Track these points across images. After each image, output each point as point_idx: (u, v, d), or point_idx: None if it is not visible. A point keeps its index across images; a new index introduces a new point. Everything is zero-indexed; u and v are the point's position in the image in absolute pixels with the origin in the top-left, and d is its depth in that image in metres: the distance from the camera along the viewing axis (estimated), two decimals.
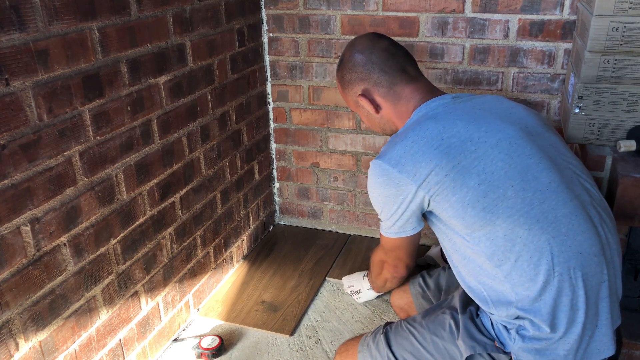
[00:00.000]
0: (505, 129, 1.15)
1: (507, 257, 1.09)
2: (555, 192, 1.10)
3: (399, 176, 1.15)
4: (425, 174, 1.12)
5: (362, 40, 1.33)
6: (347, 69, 1.33)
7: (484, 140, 1.13)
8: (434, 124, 1.17)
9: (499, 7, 1.90)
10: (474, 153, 1.11)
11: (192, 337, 1.85)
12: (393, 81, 1.28)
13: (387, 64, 1.29)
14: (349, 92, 1.35)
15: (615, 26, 1.42)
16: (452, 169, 1.10)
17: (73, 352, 1.37)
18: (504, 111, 1.21)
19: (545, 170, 1.11)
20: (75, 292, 1.36)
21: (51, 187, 1.25)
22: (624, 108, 1.50)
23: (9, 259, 1.16)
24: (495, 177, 1.09)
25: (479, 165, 1.10)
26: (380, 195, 1.21)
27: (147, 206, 1.60)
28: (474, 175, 1.09)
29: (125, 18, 1.42)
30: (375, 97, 1.31)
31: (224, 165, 2.02)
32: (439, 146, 1.12)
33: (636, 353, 1.53)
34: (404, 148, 1.16)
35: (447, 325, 1.25)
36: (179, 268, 1.80)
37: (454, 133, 1.14)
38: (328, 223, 2.51)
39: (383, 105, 1.31)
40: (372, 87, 1.30)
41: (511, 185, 1.09)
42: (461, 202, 1.10)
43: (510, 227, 1.08)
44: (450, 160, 1.11)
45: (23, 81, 1.14)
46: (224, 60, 1.93)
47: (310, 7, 2.12)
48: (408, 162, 1.14)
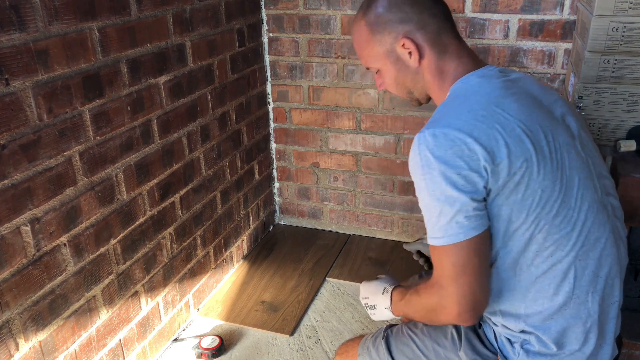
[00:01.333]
0: (562, 134, 1.03)
1: (530, 271, 1.01)
2: (595, 213, 1.02)
3: (473, 147, 0.93)
4: (501, 156, 0.94)
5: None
6: (387, 7, 1.09)
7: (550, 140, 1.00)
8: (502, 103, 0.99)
9: (499, 7, 1.90)
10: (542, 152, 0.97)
11: (192, 337, 1.85)
12: (441, 28, 1.08)
13: (437, 6, 1.10)
14: (381, 38, 1.09)
15: (615, 26, 1.42)
16: (524, 161, 0.95)
17: (73, 352, 1.37)
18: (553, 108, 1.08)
19: (589, 189, 1.03)
20: (75, 292, 1.36)
21: (51, 187, 1.25)
22: (624, 108, 1.50)
23: (9, 259, 1.16)
24: (553, 186, 0.98)
25: (541, 169, 0.97)
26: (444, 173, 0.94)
27: (147, 206, 1.60)
28: (541, 178, 0.97)
29: (125, 18, 1.42)
30: (421, 43, 1.08)
31: (224, 165, 2.02)
32: (513, 131, 0.96)
33: (636, 353, 1.53)
34: (475, 119, 0.96)
35: (449, 334, 1.20)
36: (179, 268, 1.80)
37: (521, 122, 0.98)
38: (328, 223, 2.51)
39: (427, 54, 1.08)
40: (418, 31, 1.07)
41: (563, 200, 0.99)
42: (517, 204, 0.97)
43: (546, 244, 0.99)
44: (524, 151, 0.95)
45: (23, 81, 1.14)
46: (224, 60, 1.93)
47: (310, 7, 2.12)
48: (483, 137, 0.94)
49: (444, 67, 1.09)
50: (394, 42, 1.09)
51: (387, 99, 2.17)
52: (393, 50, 1.10)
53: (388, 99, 2.17)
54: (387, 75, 1.14)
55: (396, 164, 2.27)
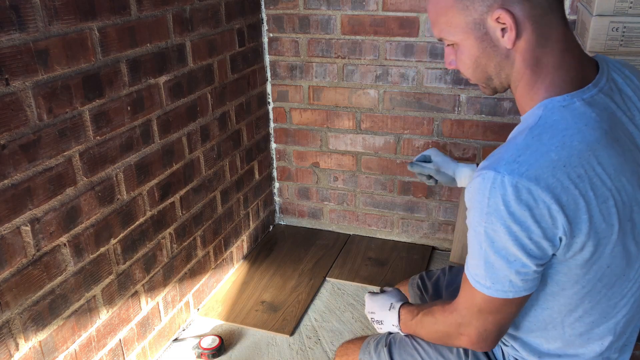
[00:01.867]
0: None
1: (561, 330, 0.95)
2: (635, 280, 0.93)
3: (556, 215, 0.79)
4: (580, 225, 0.80)
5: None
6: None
7: (629, 205, 0.85)
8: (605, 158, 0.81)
9: None
10: (617, 222, 0.83)
11: (192, 337, 1.85)
12: (552, 4, 0.84)
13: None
14: (469, 5, 0.85)
15: (615, 26, 1.42)
16: (597, 235, 0.82)
17: (73, 352, 1.37)
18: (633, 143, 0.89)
19: None
20: (75, 292, 1.36)
21: (51, 187, 1.25)
22: None
23: (9, 259, 1.16)
24: (617, 259, 0.86)
25: (612, 242, 0.84)
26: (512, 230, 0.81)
27: (147, 206, 1.60)
28: (606, 257, 0.84)
29: (125, 18, 1.42)
30: (521, 19, 0.83)
31: (224, 165, 2.02)
32: (600, 195, 0.81)
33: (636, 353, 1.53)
34: (569, 177, 0.79)
35: (454, 348, 1.16)
36: (179, 268, 1.80)
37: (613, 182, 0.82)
38: (328, 223, 2.51)
39: (526, 35, 0.84)
40: (521, 2, 0.83)
41: (623, 274, 0.89)
42: (577, 277, 0.86)
43: (589, 312, 0.91)
44: (601, 222, 0.82)
45: (23, 81, 1.14)
46: (224, 60, 1.93)
47: (310, 7, 2.12)
48: (570, 204, 0.79)
49: (543, 59, 0.85)
50: (487, 12, 0.84)
51: (387, 99, 2.17)
52: (482, 23, 0.85)
53: (388, 99, 2.17)
54: (466, 53, 0.90)
55: (396, 164, 2.27)
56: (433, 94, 2.10)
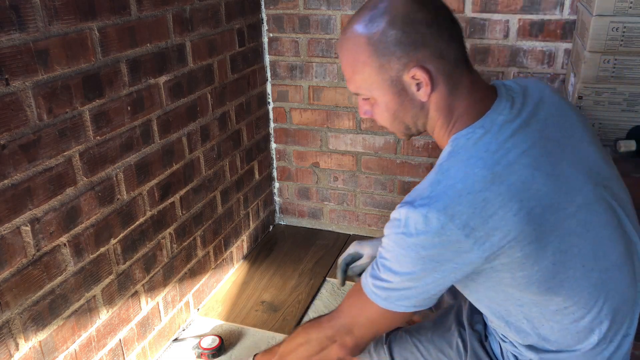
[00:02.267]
0: (583, 189, 0.92)
1: (550, 326, 0.97)
2: (620, 268, 0.96)
3: (465, 242, 0.84)
4: (498, 245, 0.85)
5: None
6: (398, 25, 0.87)
7: (563, 207, 0.89)
8: (509, 175, 0.86)
9: (499, 7, 1.90)
10: (551, 225, 0.87)
11: (192, 337, 1.85)
12: (458, 56, 0.91)
13: (455, 30, 0.91)
14: (385, 64, 0.89)
15: (615, 26, 1.42)
16: (529, 244, 0.86)
17: (73, 352, 1.37)
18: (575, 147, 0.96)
19: (615, 241, 0.96)
20: (75, 292, 1.36)
21: (51, 187, 1.25)
22: (624, 108, 1.50)
23: (9, 259, 1.16)
24: (569, 256, 0.90)
25: (555, 242, 0.88)
26: (425, 257, 0.87)
27: (147, 206, 1.60)
28: (549, 254, 0.88)
29: (125, 18, 1.42)
30: (435, 75, 0.89)
31: (224, 165, 2.02)
32: (519, 211, 0.84)
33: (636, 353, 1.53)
34: (474, 206, 0.83)
35: (454, 345, 1.17)
36: (179, 268, 1.80)
37: (533, 194, 0.86)
38: (328, 223, 2.51)
39: (439, 88, 0.90)
40: (436, 59, 0.88)
41: (582, 265, 0.91)
42: (527, 278, 0.89)
43: (566, 305, 0.93)
44: (528, 234, 0.85)
45: (23, 81, 1.14)
46: (224, 60, 1.93)
47: (310, 7, 2.12)
48: (479, 226, 0.83)
49: (454, 105, 0.92)
50: (403, 70, 0.89)
51: None
52: (398, 80, 0.90)
53: None
54: (383, 107, 0.95)
55: (396, 164, 2.27)
56: None
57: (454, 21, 0.92)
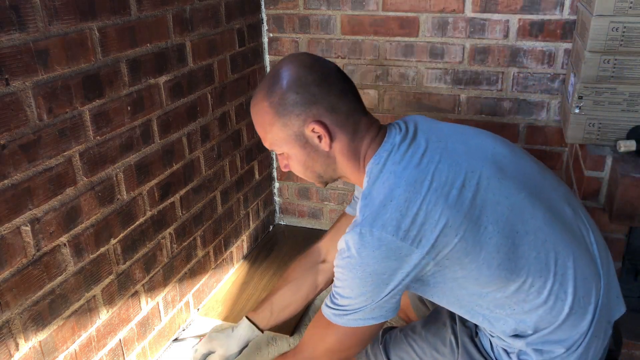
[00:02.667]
0: (485, 165, 1.01)
1: (521, 307, 1.02)
2: (551, 224, 1.02)
3: (401, 245, 0.93)
4: (433, 237, 0.93)
5: (309, 56, 1.07)
6: (292, 87, 1.01)
7: (475, 181, 0.97)
8: (419, 173, 0.97)
9: (499, 7, 1.90)
10: (473, 200, 0.96)
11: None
12: (351, 107, 1.04)
13: (345, 85, 1.05)
14: (287, 121, 1.02)
15: (615, 26, 1.42)
16: (461, 225, 0.94)
17: (73, 352, 1.37)
18: (460, 139, 1.07)
19: (535, 202, 1.02)
20: (75, 292, 1.36)
21: (51, 187, 1.25)
22: (624, 108, 1.50)
23: (9, 259, 1.16)
24: (501, 225, 0.97)
25: (483, 215, 0.96)
26: (372, 273, 0.95)
27: (147, 206, 1.60)
28: (483, 229, 0.95)
29: (125, 18, 1.42)
30: (331, 127, 1.02)
31: (224, 165, 2.02)
32: (438, 200, 0.94)
33: (636, 353, 1.53)
34: (398, 209, 0.93)
35: (447, 341, 1.20)
36: (179, 268, 1.80)
37: (444, 180, 0.96)
38: (328, 223, 2.51)
39: (339, 137, 1.03)
40: (329, 114, 1.02)
41: (516, 231, 0.98)
42: (475, 262, 0.96)
43: (524, 278, 0.99)
44: (455, 216, 0.94)
45: (23, 81, 1.14)
46: (224, 60, 1.93)
47: (310, 7, 2.12)
48: (411, 227, 0.93)
49: (358, 147, 1.05)
50: (302, 125, 1.02)
51: (387, 99, 2.17)
52: (301, 134, 1.03)
53: (388, 99, 2.17)
54: (294, 159, 1.07)
55: None
56: (433, 94, 2.10)
57: (344, 78, 1.06)
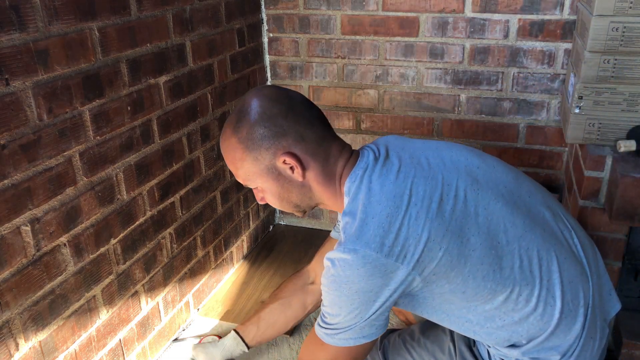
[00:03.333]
0: (459, 176, 1.02)
1: (510, 317, 1.02)
2: (532, 230, 1.02)
3: (386, 262, 0.92)
4: (417, 252, 0.93)
5: (273, 89, 1.07)
6: (259, 123, 1.00)
7: (453, 194, 0.98)
8: (397, 188, 0.97)
9: (499, 7, 1.90)
10: (453, 213, 0.96)
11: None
12: (320, 134, 1.04)
13: (312, 114, 1.05)
14: (257, 155, 1.02)
15: (615, 26, 1.42)
16: (444, 238, 0.94)
17: (73, 352, 1.37)
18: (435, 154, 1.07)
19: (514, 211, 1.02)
20: (75, 292, 1.36)
21: (51, 187, 1.25)
22: (624, 108, 1.50)
23: (9, 259, 1.16)
24: (483, 237, 0.97)
25: (465, 227, 0.96)
26: (358, 291, 0.95)
27: (147, 206, 1.60)
28: (465, 241, 0.95)
29: (125, 18, 1.42)
30: (302, 156, 1.02)
31: (224, 165, 2.02)
32: (419, 213, 0.94)
33: (636, 353, 1.53)
34: (381, 226, 0.93)
35: (446, 348, 1.20)
36: (179, 268, 1.80)
37: (422, 194, 0.97)
38: (328, 223, 2.51)
39: (311, 166, 1.03)
40: (299, 143, 1.01)
41: (498, 242, 0.98)
42: (461, 275, 0.96)
43: (511, 288, 0.99)
44: (437, 229, 0.94)
45: (23, 81, 1.14)
46: (224, 60, 1.93)
47: (310, 7, 2.12)
48: (395, 242, 0.93)
49: (332, 172, 1.05)
50: (273, 158, 1.01)
51: (387, 99, 2.17)
52: (273, 167, 1.03)
53: (388, 99, 2.17)
54: (269, 191, 1.07)
55: None
56: (433, 94, 2.10)
57: (310, 106, 1.05)
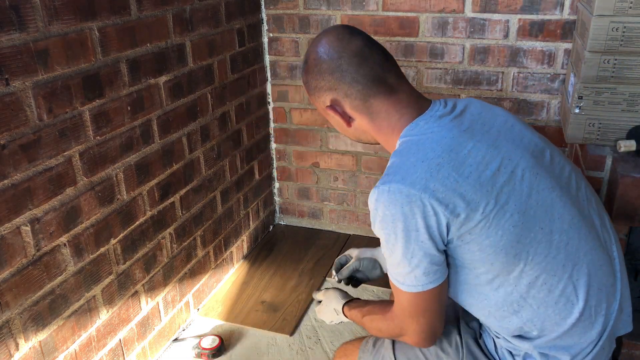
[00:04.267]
0: (523, 156, 1.01)
1: (529, 304, 1.01)
2: (577, 228, 1.01)
3: (430, 203, 0.93)
4: (459, 207, 0.93)
5: (330, 39, 1.08)
6: (312, 75, 1.10)
7: (510, 169, 0.98)
8: (456, 144, 0.98)
9: (499, 7, 1.90)
10: (505, 186, 0.96)
11: (192, 337, 1.85)
12: (368, 93, 1.06)
13: (359, 71, 1.06)
14: (316, 99, 1.13)
15: (615, 26, 1.42)
16: (487, 205, 0.94)
17: (73, 352, 1.37)
18: (507, 129, 1.07)
19: (566, 204, 1.01)
20: (75, 292, 1.36)
21: (51, 187, 1.25)
22: (624, 108, 1.50)
23: (9, 259, 1.16)
24: (527, 217, 0.97)
25: (511, 202, 0.96)
26: (404, 229, 0.95)
27: (147, 206, 1.60)
28: (508, 215, 0.95)
29: (125, 18, 1.42)
30: (347, 110, 1.09)
31: (224, 165, 2.02)
32: (470, 174, 0.95)
33: (636, 353, 1.53)
34: (429, 170, 0.94)
35: (453, 341, 1.19)
36: (179, 268, 1.80)
37: (480, 159, 0.97)
38: (328, 223, 2.51)
39: (357, 118, 1.10)
40: (343, 99, 1.08)
41: (541, 227, 0.98)
42: (494, 246, 0.95)
43: (537, 274, 0.98)
44: (484, 195, 0.94)
45: (23, 81, 1.14)
46: (224, 60, 1.93)
47: (310, 7, 2.12)
48: (439, 188, 0.93)
49: (381, 124, 1.08)
50: (324, 105, 1.11)
51: None
52: (326, 111, 1.13)
53: None
54: (333, 124, 1.16)
55: None
56: (433, 93, 2.10)
57: (363, 60, 1.06)
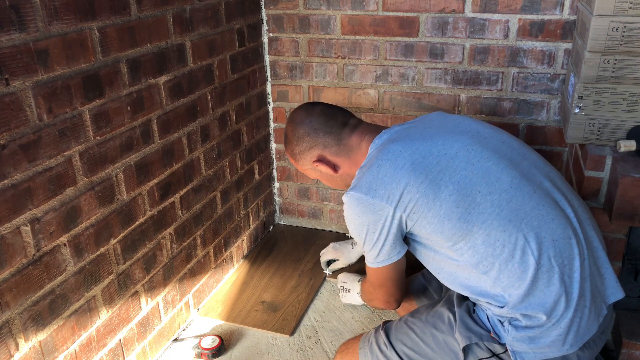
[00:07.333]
0: (460, 139, 1.22)
1: (491, 262, 1.14)
2: (519, 187, 1.15)
3: (373, 201, 1.19)
4: (398, 194, 1.17)
5: (298, 112, 1.40)
6: (294, 143, 1.39)
7: (444, 152, 1.19)
8: (394, 146, 1.22)
9: (499, 7, 1.90)
10: (437, 166, 1.17)
11: (192, 337, 1.85)
12: (340, 136, 1.35)
13: (328, 124, 1.36)
14: (303, 163, 1.41)
15: (615, 26, 1.42)
16: (421, 184, 1.16)
17: (73, 352, 1.37)
18: (451, 124, 1.29)
19: (504, 169, 1.17)
20: (75, 292, 1.36)
21: (51, 187, 1.25)
22: (624, 108, 1.50)
23: (9, 259, 1.16)
24: (462, 185, 1.15)
25: (445, 177, 1.16)
26: (360, 225, 1.24)
27: (147, 206, 1.60)
28: (443, 187, 1.15)
29: (125, 18, 1.42)
30: (330, 158, 1.37)
31: (224, 165, 2.02)
32: (404, 165, 1.18)
33: (636, 353, 1.53)
34: (371, 175, 1.21)
35: (445, 318, 1.29)
36: (179, 268, 1.80)
37: (413, 150, 1.20)
38: (328, 223, 2.51)
39: (339, 162, 1.37)
40: (323, 150, 1.36)
41: (478, 191, 1.15)
42: (437, 216, 1.15)
43: (487, 231, 1.13)
44: (417, 177, 1.16)
45: (23, 81, 1.14)
46: (224, 60, 1.93)
47: (310, 7, 2.12)
48: (379, 187, 1.19)
49: (356, 158, 1.35)
50: (311, 164, 1.39)
51: (387, 99, 2.17)
52: (315, 168, 1.40)
53: (388, 99, 2.17)
54: (323, 180, 1.46)
55: None
56: (433, 94, 2.10)
57: (329, 118, 1.36)
